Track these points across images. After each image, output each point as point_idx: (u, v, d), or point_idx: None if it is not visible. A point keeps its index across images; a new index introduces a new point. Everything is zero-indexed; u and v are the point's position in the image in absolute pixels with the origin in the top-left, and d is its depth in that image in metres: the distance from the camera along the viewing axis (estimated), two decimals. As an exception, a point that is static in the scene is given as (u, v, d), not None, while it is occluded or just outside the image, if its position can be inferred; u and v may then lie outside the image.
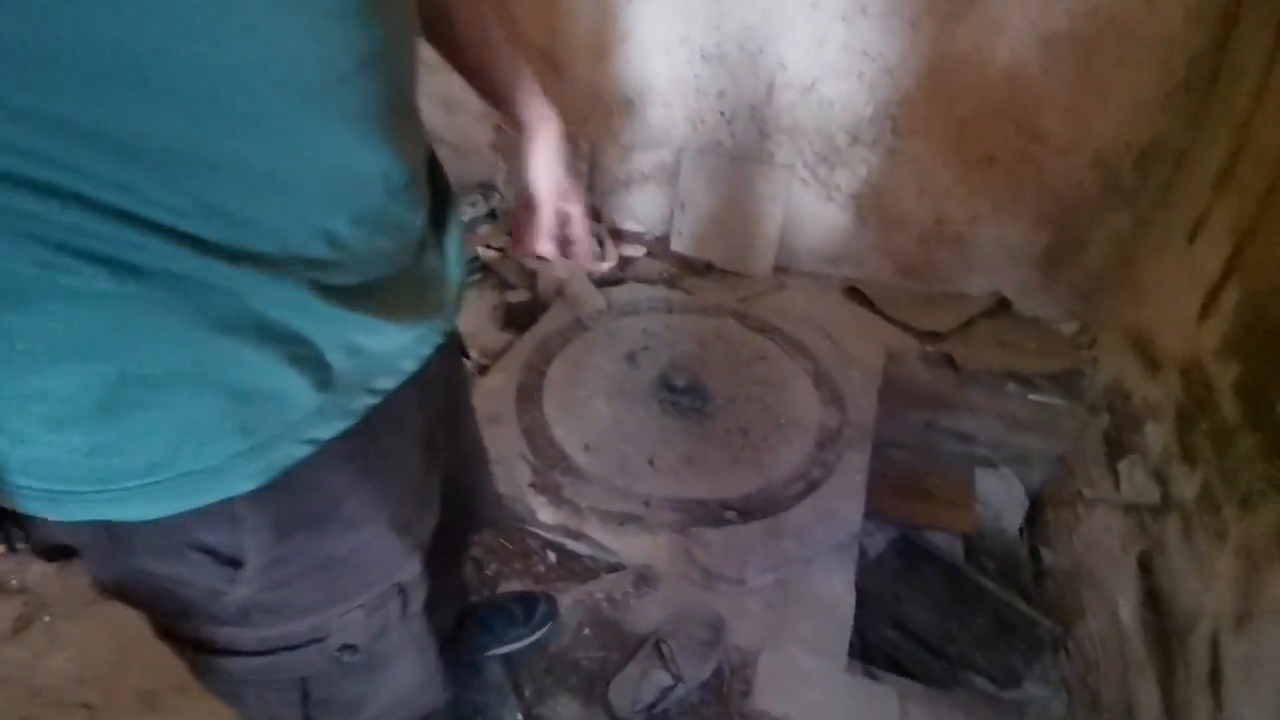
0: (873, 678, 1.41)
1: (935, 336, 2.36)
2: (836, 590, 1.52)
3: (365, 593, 0.67)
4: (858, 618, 1.52)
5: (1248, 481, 1.27)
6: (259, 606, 0.61)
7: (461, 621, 1.25)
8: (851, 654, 1.45)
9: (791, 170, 2.51)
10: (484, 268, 2.61)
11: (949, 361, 2.28)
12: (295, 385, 0.53)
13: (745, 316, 2.38)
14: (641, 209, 2.86)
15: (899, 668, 1.94)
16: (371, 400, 0.59)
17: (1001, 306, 2.50)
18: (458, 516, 0.95)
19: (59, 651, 1.38)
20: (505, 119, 0.85)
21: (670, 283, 2.62)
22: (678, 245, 2.77)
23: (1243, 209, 1.54)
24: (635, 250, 2.77)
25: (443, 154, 0.76)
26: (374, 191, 0.54)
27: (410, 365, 0.63)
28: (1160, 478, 1.64)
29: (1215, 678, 1.20)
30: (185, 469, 0.50)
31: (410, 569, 0.71)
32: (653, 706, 1.30)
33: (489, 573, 1.55)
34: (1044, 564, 2.14)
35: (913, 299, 2.53)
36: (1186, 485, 1.50)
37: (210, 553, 0.55)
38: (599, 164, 2.80)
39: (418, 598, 0.74)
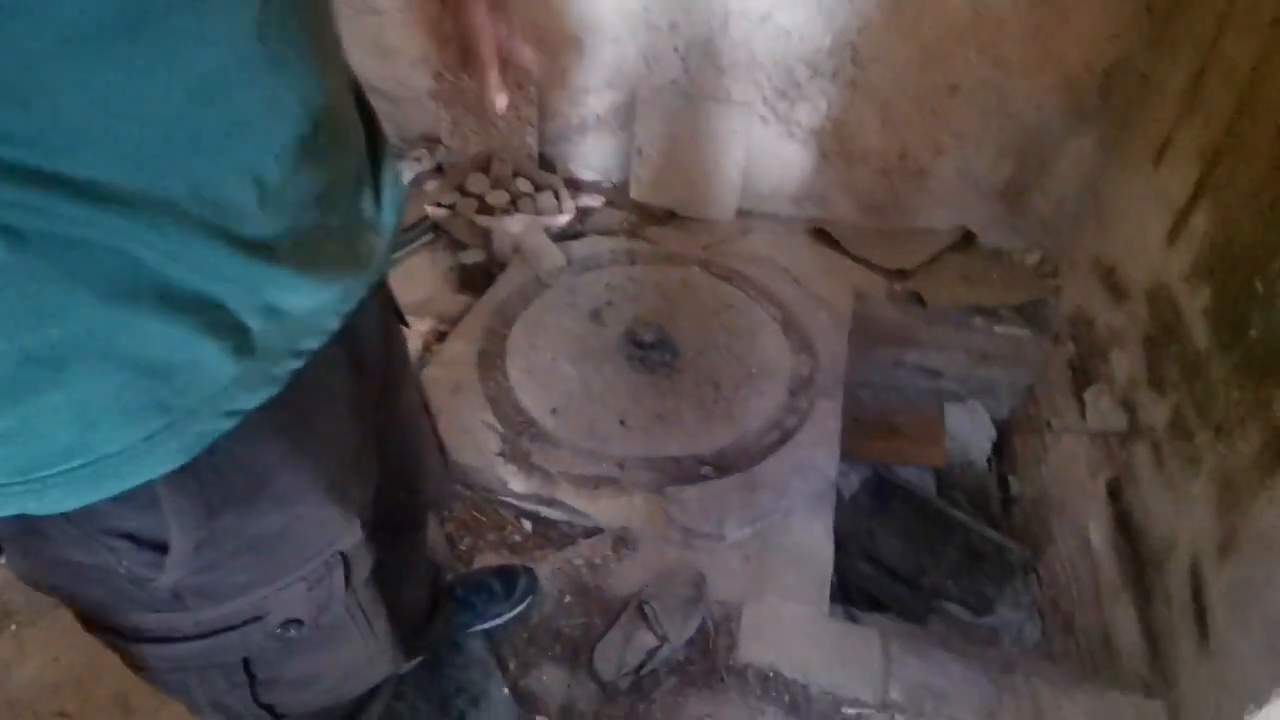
0: (854, 620, 1.43)
1: (902, 274, 2.33)
2: (815, 538, 1.52)
3: (304, 566, 0.63)
4: (834, 557, 1.53)
5: (1223, 408, 1.28)
6: (191, 590, 0.57)
7: (436, 600, 1.21)
8: (830, 595, 1.47)
9: (750, 108, 2.40)
10: (435, 228, 2.47)
11: (916, 299, 2.26)
12: (210, 354, 0.47)
13: (710, 264, 2.31)
14: (597, 156, 2.72)
15: (876, 602, 1.98)
16: (296, 364, 0.54)
17: (966, 240, 2.47)
18: (403, 493, 0.90)
19: (30, 660, 1.31)
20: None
21: (631, 233, 2.52)
22: (637, 193, 2.66)
23: (1210, 131, 1.51)
24: (593, 200, 2.65)
25: (379, 106, 0.67)
26: (297, 120, 0.48)
27: (333, 323, 0.57)
28: (1127, 405, 1.66)
29: (1199, 607, 1.23)
30: (101, 453, 0.46)
31: (350, 537, 0.67)
32: (639, 669, 1.29)
33: (463, 548, 1.51)
34: (1012, 493, 2.19)
35: (878, 237, 2.48)
36: (1155, 412, 1.52)
37: (133, 539, 0.52)
38: (548, 109, 2.64)
39: (362, 566, 0.70)
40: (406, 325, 0.86)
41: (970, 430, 2.34)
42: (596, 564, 1.49)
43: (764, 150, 2.49)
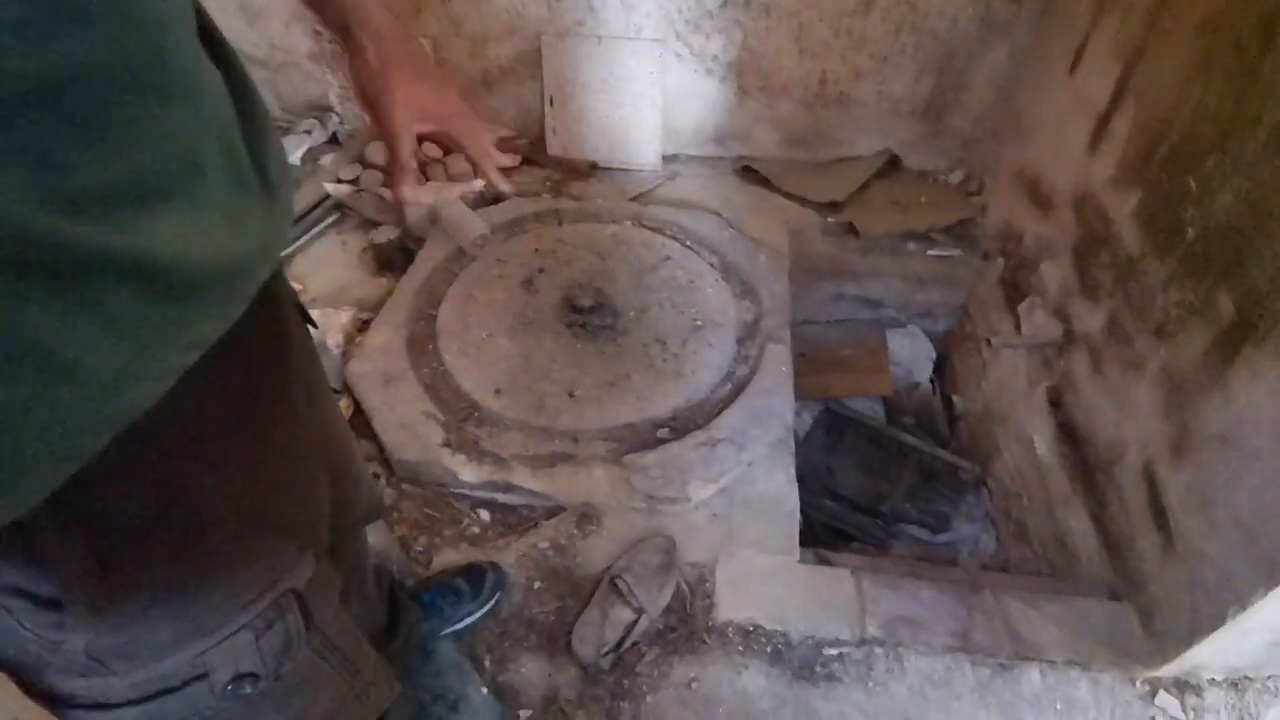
0: (826, 562, 1.44)
1: (833, 206, 2.30)
2: (779, 486, 1.51)
3: (244, 613, 0.55)
4: (798, 498, 1.52)
5: (1161, 309, 1.31)
6: (110, 651, 0.50)
7: (396, 611, 1.13)
8: (799, 538, 1.47)
9: (663, 44, 2.27)
10: (338, 207, 2.26)
11: (850, 230, 2.25)
12: (68, 359, 0.36)
13: (641, 216, 2.22)
14: (508, 111, 2.54)
15: (841, 534, 2.03)
16: (186, 360, 0.44)
17: (892, 165, 2.46)
18: (336, 507, 0.82)
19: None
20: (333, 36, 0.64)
21: (555, 191, 2.39)
22: (555, 147, 2.51)
23: (1128, 28, 1.50)
24: (509, 160, 2.49)
25: (255, 75, 0.58)
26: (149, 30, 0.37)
27: (232, 310, 0.47)
28: (1061, 315, 1.70)
29: (1157, 509, 1.28)
30: None
31: (300, 572, 0.59)
32: (619, 645, 1.26)
33: (419, 549, 1.42)
34: (957, 411, 2.26)
35: (807, 170, 2.44)
36: (1090, 320, 1.55)
37: (27, 596, 0.45)
38: (446, 63, 2.43)
39: (325, 601, 0.63)
40: (313, 325, 0.76)
41: (912, 355, 2.38)
42: (562, 545, 1.43)
43: (682, 89, 2.38)
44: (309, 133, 2.59)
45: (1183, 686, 1.27)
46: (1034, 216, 1.90)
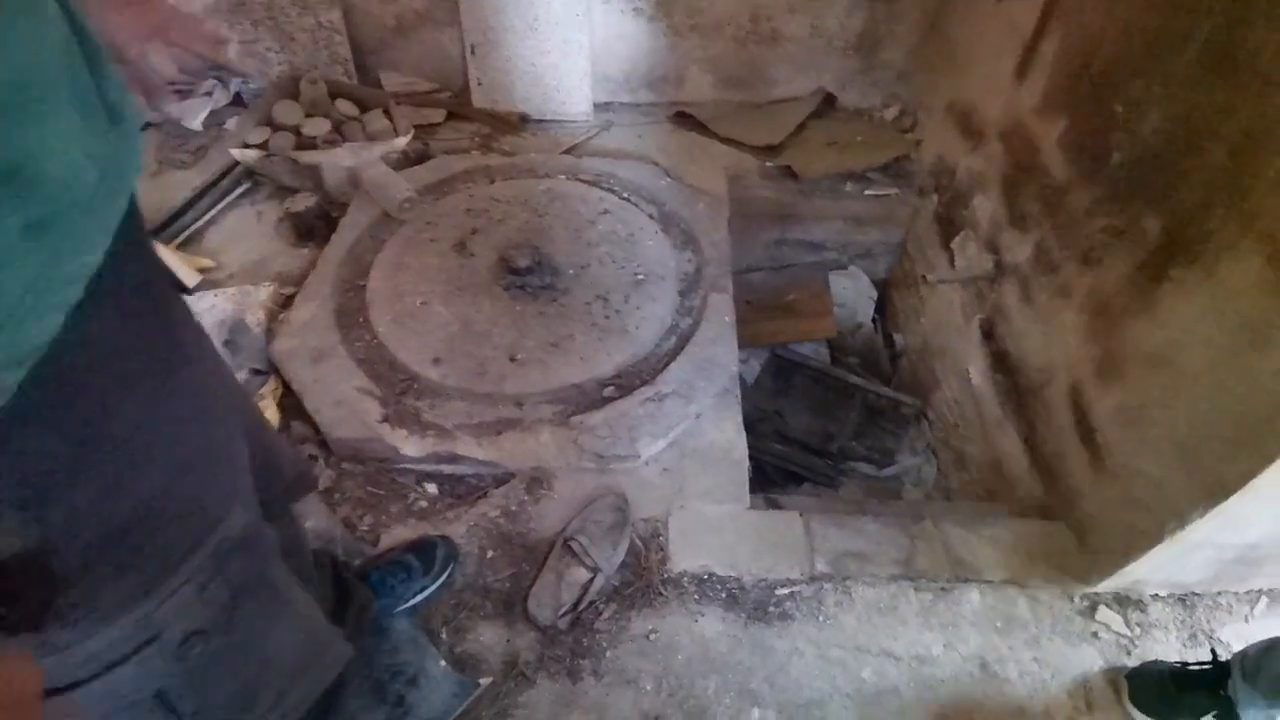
0: (776, 506, 1.47)
1: (771, 149, 2.27)
2: (727, 436, 1.52)
3: (184, 564, 0.55)
4: (747, 442, 1.54)
5: (1087, 236, 1.33)
6: (55, 619, 0.50)
7: (343, 592, 1.10)
8: (750, 483, 1.49)
9: (587, -17, 2.15)
10: (249, 174, 2.11)
11: (788, 173, 2.22)
12: None
13: (577, 169, 2.14)
14: (428, 61, 2.39)
15: (793, 476, 2.07)
16: (71, 293, 0.46)
17: (828, 104, 2.43)
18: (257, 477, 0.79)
19: None
20: None
21: (484, 146, 2.28)
22: (481, 100, 2.38)
23: (1051, -49, 1.48)
24: (434, 115, 2.36)
25: None
26: None
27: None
28: (992, 247, 1.73)
29: (1085, 429, 1.32)
30: None
31: (235, 519, 0.58)
32: (577, 605, 1.27)
33: (365, 528, 1.39)
34: (898, 347, 2.30)
35: (742, 113, 2.39)
36: (1019, 250, 1.58)
37: None
38: (354, 9, 2.25)
39: (263, 548, 0.63)
40: (187, 291, 0.72)
41: (855, 296, 2.41)
42: (514, 511, 1.42)
43: (610, 32, 2.28)
44: (210, 94, 2.39)
45: (1124, 601, 1.34)
46: (966, 149, 1.91)
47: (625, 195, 2.06)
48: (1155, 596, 1.35)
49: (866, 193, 2.21)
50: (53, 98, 0.44)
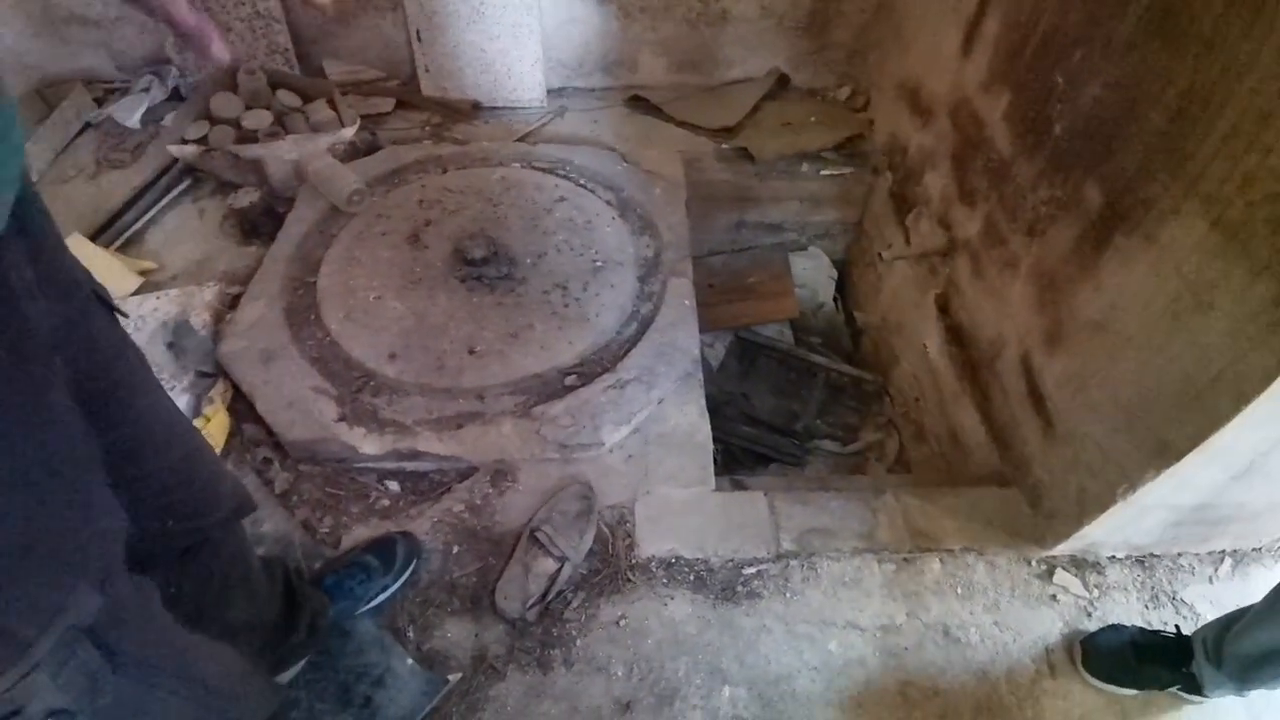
0: (742, 487, 1.47)
1: (726, 132, 2.26)
2: (691, 419, 1.52)
3: (29, 653, 0.50)
4: (714, 425, 1.54)
5: (1032, 208, 1.36)
6: None
7: (293, 601, 1.07)
8: (716, 465, 1.49)
9: (534, -35, 2.11)
10: (190, 171, 2.03)
11: (745, 155, 2.22)
12: None
13: (531, 157, 2.11)
14: (372, 48, 2.32)
15: (761, 458, 2.09)
16: None
17: (781, 85, 2.43)
18: (183, 510, 0.75)
19: None
20: None
21: (435, 135, 2.23)
22: (429, 87, 2.32)
23: (990, -72, 1.50)
24: (380, 105, 2.29)
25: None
26: None
27: None
28: (944, 223, 1.75)
29: (1036, 396, 1.35)
30: None
31: (81, 606, 0.54)
32: (545, 596, 1.26)
33: (325, 530, 1.35)
34: (859, 325, 2.33)
35: (697, 96, 2.38)
36: (969, 225, 1.61)
37: None
38: (292, -2, 2.17)
39: (133, 627, 0.59)
40: (121, 314, 0.67)
41: (815, 275, 2.43)
42: (478, 505, 1.40)
43: (560, 15, 2.24)
44: (147, 90, 2.29)
45: (1081, 564, 1.37)
46: (916, 127, 1.93)
47: (581, 182, 2.04)
48: (1112, 558, 1.39)
49: (822, 173, 2.22)
50: None
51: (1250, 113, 0.93)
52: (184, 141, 1.97)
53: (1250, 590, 1.38)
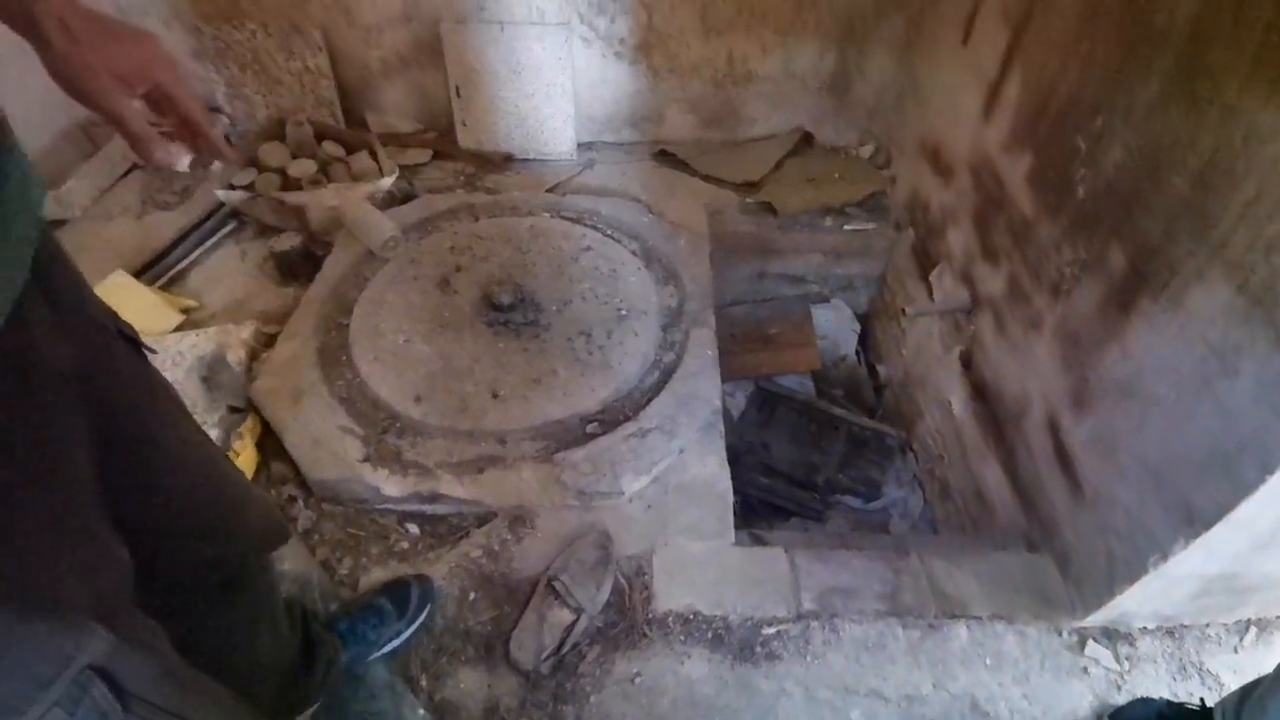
0: (760, 542, 1.45)
1: (750, 186, 2.32)
2: (711, 470, 1.52)
3: (45, 694, 0.50)
4: (732, 475, 1.53)
5: (1056, 268, 1.36)
6: None
7: (311, 643, 1.07)
8: (734, 515, 1.47)
9: (568, 28, 2.21)
10: (234, 215, 2.12)
11: (767, 209, 2.26)
12: None
13: (559, 207, 2.17)
14: (413, 103, 2.44)
15: (779, 510, 2.06)
16: None
17: (805, 142, 2.49)
18: (210, 545, 0.77)
19: None
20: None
21: (468, 185, 2.31)
22: (465, 140, 2.42)
23: (1015, -4, 1.54)
24: (419, 155, 2.39)
25: None
26: None
27: None
28: (967, 280, 1.76)
29: (1063, 457, 1.33)
30: None
31: (91, 646, 0.54)
32: (560, 648, 1.24)
33: (344, 572, 1.36)
34: (881, 379, 2.32)
35: (722, 151, 2.44)
36: (992, 282, 1.61)
37: None
38: (340, 54, 2.30)
39: (143, 667, 0.59)
40: (148, 350, 0.70)
41: (837, 328, 2.44)
42: (496, 551, 1.40)
43: (592, 75, 2.34)
44: (196, 136, 2.41)
45: (1113, 636, 1.33)
46: (937, 185, 1.96)
47: (607, 232, 2.09)
48: (1144, 629, 1.34)
49: (845, 227, 2.25)
50: None
51: (1272, 180, 0.94)
52: (231, 187, 2.07)
53: (1273, 658, 1.32)
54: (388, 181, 2.14)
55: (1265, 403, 0.92)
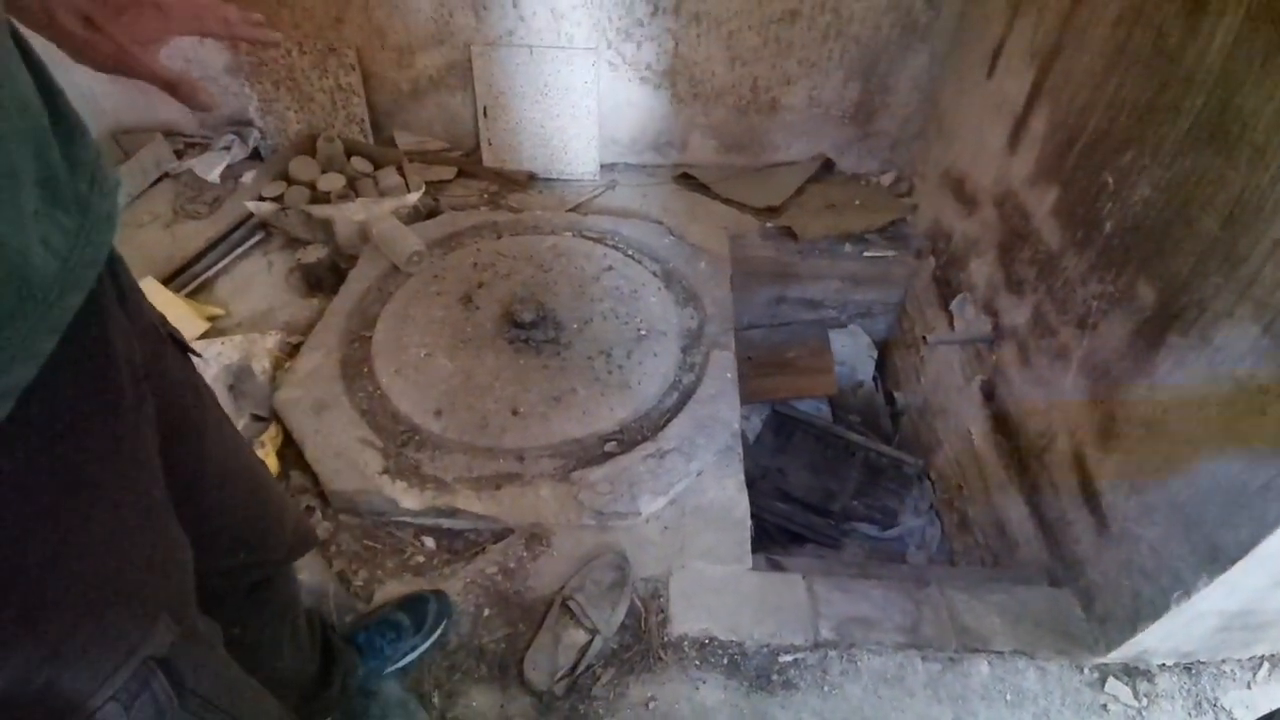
0: (778, 567, 1.44)
1: (771, 211, 2.33)
2: (729, 494, 1.51)
3: (105, 686, 0.51)
4: (749, 501, 1.52)
5: (1083, 301, 1.36)
6: None
7: (330, 656, 1.07)
8: (751, 543, 1.46)
9: (596, 53, 2.26)
10: (262, 226, 2.16)
11: (788, 233, 2.28)
12: None
13: (581, 227, 2.19)
14: (440, 122, 2.48)
15: (795, 536, 2.04)
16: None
17: (826, 169, 2.51)
18: (244, 551, 0.78)
19: None
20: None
21: (492, 203, 2.34)
22: (490, 159, 2.46)
23: (1044, 29, 1.56)
24: (444, 173, 2.43)
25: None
26: None
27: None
28: (990, 310, 1.75)
29: (1089, 493, 1.31)
30: None
31: (159, 638, 0.56)
32: (574, 669, 1.23)
33: (359, 583, 1.36)
34: (899, 406, 2.31)
35: (743, 176, 2.46)
36: (1017, 314, 1.61)
37: None
38: (372, 74, 2.36)
39: (198, 661, 0.60)
40: (194, 354, 0.71)
41: (855, 353, 2.43)
42: (511, 568, 1.39)
43: (618, 98, 2.38)
44: (228, 149, 2.47)
45: (1133, 673, 1.30)
46: (961, 215, 1.97)
47: (629, 252, 2.11)
48: (1162, 666, 1.32)
49: (865, 254, 2.26)
50: (11, 188, 0.40)
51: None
52: (261, 199, 2.11)
53: None
54: (413, 197, 2.17)
55: (1294, 443, 0.91)
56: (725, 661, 1.27)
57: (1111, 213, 1.31)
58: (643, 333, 1.83)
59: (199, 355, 0.73)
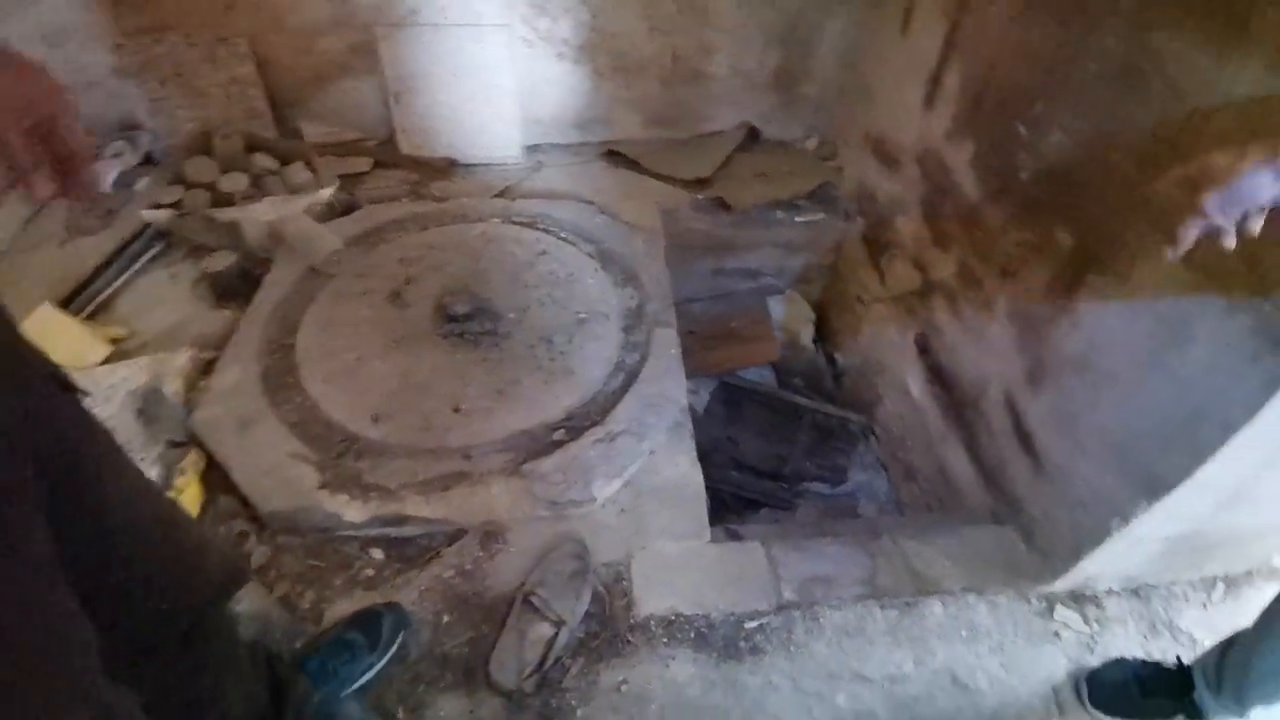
0: (736, 537, 1.45)
1: (701, 183, 2.32)
2: (682, 470, 1.51)
3: None
4: (703, 473, 1.52)
5: (1004, 251, 1.40)
6: None
7: (279, 686, 1.01)
8: (709, 516, 1.47)
9: (509, 30, 2.17)
10: (161, 235, 2.00)
11: (720, 204, 2.27)
12: None
13: (510, 212, 2.12)
14: (349, 110, 2.34)
15: (751, 503, 2.07)
16: None
17: (752, 137, 2.51)
18: (167, 598, 0.72)
19: None
20: None
21: (414, 193, 2.24)
22: (407, 146, 2.34)
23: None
24: (359, 165, 2.30)
25: None
26: None
27: None
28: (919, 265, 1.80)
29: (1023, 435, 1.37)
30: None
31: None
32: (542, 664, 1.21)
33: (306, 606, 1.29)
34: (840, 366, 2.36)
35: (671, 149, 2.44)
36: (943, 267, 1.65)
37: None
38: (270, 63, 2.20)
39: None
40: (76, 391, 0.64)
41: (794, 318, 2.46)
42: (468, 570, 1.35)
43: (536, 76, 2.30)
44: (119, 155, 2.26)
45: (1079, 599, 1.37)
46: (884, 175, 2.00)
47: (562, 235, 2.05)
48: (1109, 591, 1.39)
49: (796, 219, 2.28)
50: None
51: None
52: (157, 206, 1.95)
53: (1243, 613, 1.39)
54: (327, 193, 2.06)
55: (1221, 368, 0.96)
56: (693, 635, 1.28)
57: (1026, 162, 1.35)
58: (583, 316, 1.79)
59: (86, 394, 0.65)
